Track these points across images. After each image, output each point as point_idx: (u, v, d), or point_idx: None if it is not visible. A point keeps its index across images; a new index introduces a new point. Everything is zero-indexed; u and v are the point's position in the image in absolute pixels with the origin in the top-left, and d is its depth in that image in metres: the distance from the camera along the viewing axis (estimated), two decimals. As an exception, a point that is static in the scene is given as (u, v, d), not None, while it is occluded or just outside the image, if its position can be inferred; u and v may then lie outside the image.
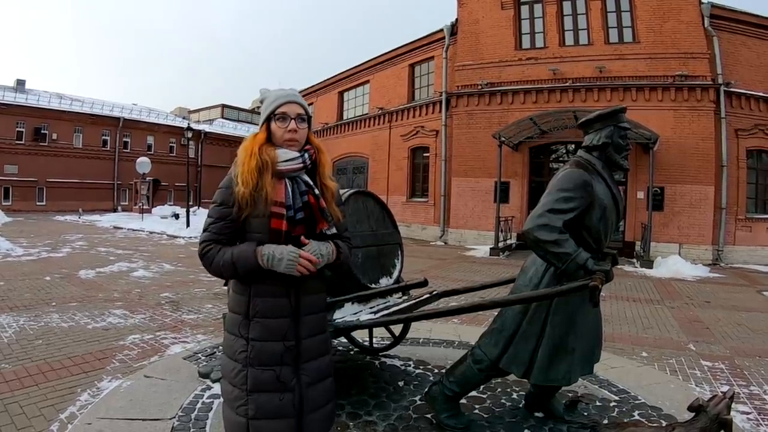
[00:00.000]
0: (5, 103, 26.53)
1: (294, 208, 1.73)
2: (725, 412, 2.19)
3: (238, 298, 1.79)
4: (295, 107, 1.81)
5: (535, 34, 15.32)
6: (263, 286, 1.74)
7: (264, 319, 1.74)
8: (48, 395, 3.57)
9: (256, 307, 1.75)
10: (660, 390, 3.59)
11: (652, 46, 13.51)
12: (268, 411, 1.71)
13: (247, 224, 1.75)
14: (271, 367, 1.72)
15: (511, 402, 3.23)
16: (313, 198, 1.77)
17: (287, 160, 1.76)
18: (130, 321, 5.71)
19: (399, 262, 3.85)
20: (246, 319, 1.76)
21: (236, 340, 1.77)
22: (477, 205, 15.74)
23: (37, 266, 9.40)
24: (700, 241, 12.98)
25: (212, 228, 1.77)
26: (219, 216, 1.76)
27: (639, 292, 8.45)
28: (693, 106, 13.08)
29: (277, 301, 1.75)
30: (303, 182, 1.79)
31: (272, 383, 1.72)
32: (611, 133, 2.53)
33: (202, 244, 1.78)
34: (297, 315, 1.77)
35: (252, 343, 1.74)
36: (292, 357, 1.76)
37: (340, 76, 23.20)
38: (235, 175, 1.73)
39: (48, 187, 28.39)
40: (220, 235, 1.76)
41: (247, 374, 1.73)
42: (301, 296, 1.78)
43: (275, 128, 1.79)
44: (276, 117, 1.79)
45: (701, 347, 5.15)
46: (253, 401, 1.72)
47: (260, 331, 1.74)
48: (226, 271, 1.73)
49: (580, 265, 2.28)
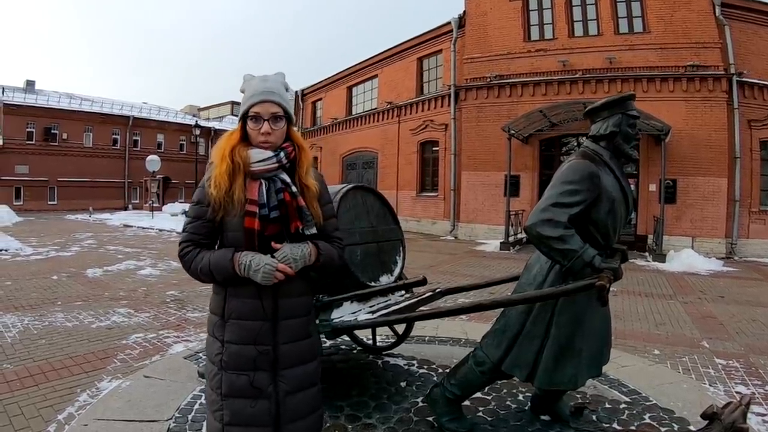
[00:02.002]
0: (15, 103, 26.78)
1: (268, 206, 1.66)
2: (741, 420, 2.07)
3: (215, 298, 1.77)
4: (269, 107, 1.68)
5: (543, 26, 15.10)
6: (239, 288, 1.69)
7: (239, 321, 1.69)
8: (47, 395, 3.55)
9: (231, 309, 1.70)
10: (672, 390, 3.46)
11: (662, 36, 13.25)
12: (242, 417, 1.65)
13: (223, 223, 1.71)
14: (245, 372, 1.66)
15: (516, 404, 3.11)
16: (289, 196, 1.69)
17: (261, 160, 1.68)
18: (134, 320, 5.69)
19: (401, 258, 3.75)
20: (222, 320, 1.72)
21: (213, 342, 1.74)
22: (487, 199, 15.60)
23: (46, 265, 9.45)
24: (713, 235, 12.74)
25: (190, 228, 1.73)
26: (196, 215, 1.72)
27: (651, 287, 8.29)
28: (705, 96, 12.82)
29: (252, 302, 1.68)
30: (280, 180, 1.71)
31: (246, 389, 1.66)
32: (619, 122, 2.38)
33: (181, 245, 1.74)
34: (275, 319, 1.70)
35: (226, 346, 1.69)
36: (269, 362, 1.68)
37: (349, 71, 23.08)
38: (208, 177, 1.68)
39: (59, 186, 28.65)
40: (198, 235, 1.72)
41: (222, 378, 1.68)
42: (278, 300, 1.71)
43: (249, 129, 1.71)
44: (249, 117, 1.70)
45: (715, 344, 5.01)
46: (227, 406, 1.66)
47: (234, 334, 1.68)
48: (204, 275, 1.70)
49: (586, 262, 2.16)
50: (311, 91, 26.48)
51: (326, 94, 25.06)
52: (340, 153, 23.21)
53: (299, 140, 1.79)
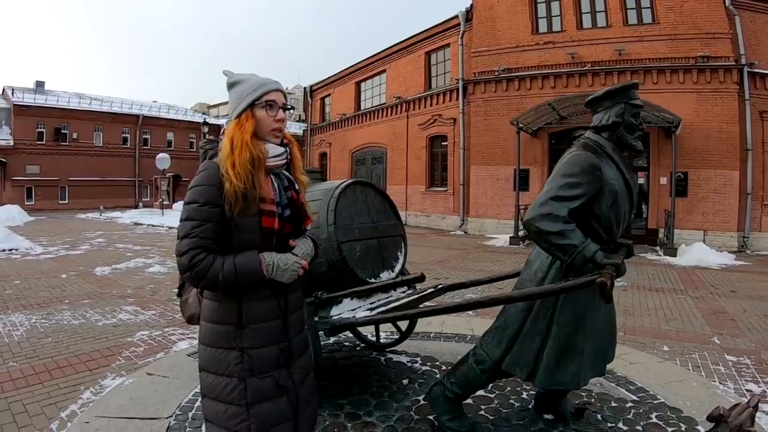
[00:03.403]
0: (25, 104, 26.96)
1: (281, 204, 1.63)
2: (748, 423, 1.98)
3: (225, 307, 1.63)
4: (281, 96, 1.67)
5: (552, 18, 14.91)
6: (256, 291, 1.62)
7: (258, 324, 1.62)
8: (52, 393, 3.57)
9: (250, 313, 1.61)
10: (681, 388, 3.38)
11: (672, 27, 13.01)
12: (270, 420, 1.62)
13: (233, 225, 1.57)
14: (270, 373, 1.63)
15: (520, 403, 3.06)
16: (294, 193, 1.68)
17: (275, 155, 1.64)
18: (141, 317, 5.71)
19: (402, 255, 3.70)
20: (238, 328, 1.61)
21: (226, 353, 1.61)
22: (496, 194, 15.50)
23: (55, 264, 9.53)
24: (725, 228, 12.52)
25: (198, 232, 1.54)
26: (205, 217, 1.54)
27: (662, 282, 8.17)
28: (716, 88, 12.57)
29: (269, 303, 1.64)
30: (285, 178, 1.69)
31: (272, 389, 1.63)
32: (621, 111, 2.31)
33: (190, 253, 1.53)
34: (285, 314, 1.69)
35: (248, 353, 1.60)
36: (286, 358, 1.67)
37: (357, 66, 23.04)
38: (226, 169, 1.54)
39: (70, 185, 28.86)
40: (209, 240, 1.55)
41: (246, 387, 1.59)
42: (288, 295, 1.70)
43: (262, 116, 1.62)
44: (264, 104, 1.63)
45: (726, 341, 4.91)
46: (254, 414, 1.59)
47: (255, 338, 1.61)
48: (227, 283, 1.54)
49: (587, 258, 2.09)
50: (319, 87, 26.46)
51: (335, 90, 25.03)
52: (349, 149, 23.19)
53: (290, 136, 1.76)
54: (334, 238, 3.07)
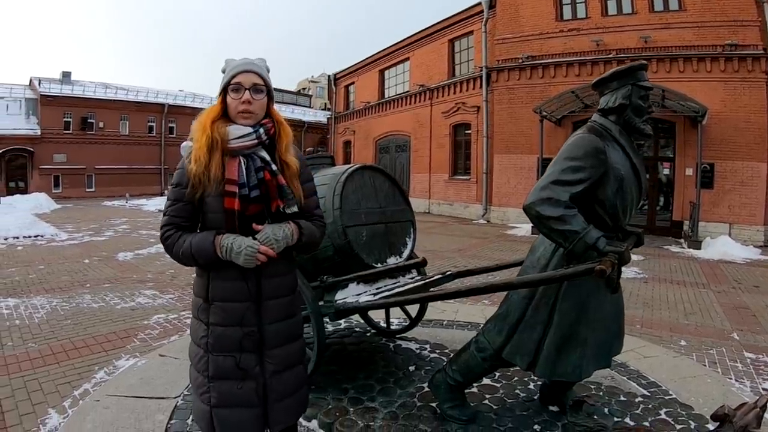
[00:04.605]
0: (52, 94, 27.48)
1: (248, 185, 1.62)
2: (754, 424, 1.89)
3: (198, 281, 1.74)
4: (251, 77, 1.66)
5: (576, 4, 14.54)
6: (222, 270, 1.65)
7: (223, 303, 1.66)
8: (67, 373, 3.69)
9: (215, 291, 1.67)
10: (695, 385, 3.27)
11: (699, 14, 12.53)
12: (230, 399, 1.64)
13: (203, 203, 1.66)
14: (231, 354, 1.64)
15: (526, 393, 3.01)
16: (269, 174, 1.65)
17: (239, 137, 1.64)
18: (158, 301, 5.83)
19: (411, 240, 3.67)
20: (206, 302, 1.69)
21: (198, 324, 1.71)
22: (520, 183, 15.29)
23: (79, 250, 9.78)
24: (751, 222, 12.07)
25: (170, 210, 1.68)
26: (176, 197, 1.67)
27: (684, 275, 7.96)
28: (744, 77, 12.07)
29: (235, 284, 1.65)
30: (259, 158, 1.67)
31: (233, 370, 1.64)
32: (629, 93, 2.21)
33: (162, 228, 1.70)
34: (258, 299, 1.68)
35: (211, 328, 1.66)
36: (254, 343, 1.67)
37: (381, 54, 22.95)
38: (188, 153, 1.65)
39: (96, 173, 29.44)
40: (179, 218, 1.67)
41: (208, 360, 1.66)
42: (262, 280, 1.68)
43: (230, 100, 1.67)
44: (230, 88, 1.66)
45: (745, 337, 4.76)
46: (215, 388, 1.65)
47: (219, 316, 1.65)
48: (186, 259, 1.65)
49: (589, 244, 2.01)
50: (343, 75, 26.39)
51: (358, 78, 24.96)
52: (373, 137, 23.17)
53: (279, 117, 1.75)
54: (339, 223, 3.07)
